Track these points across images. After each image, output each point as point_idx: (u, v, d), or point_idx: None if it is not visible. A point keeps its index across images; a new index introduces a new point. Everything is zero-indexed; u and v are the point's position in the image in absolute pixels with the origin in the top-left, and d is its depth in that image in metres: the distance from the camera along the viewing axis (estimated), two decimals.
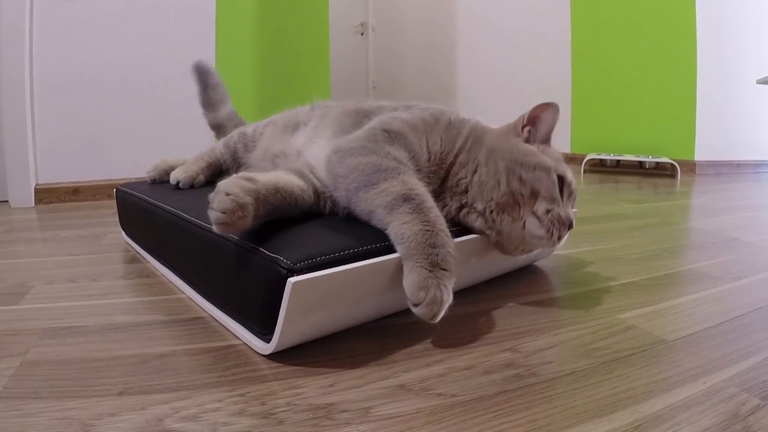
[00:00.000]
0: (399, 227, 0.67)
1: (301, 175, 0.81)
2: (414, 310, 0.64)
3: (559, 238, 0.79)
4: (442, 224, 0.69)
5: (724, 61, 3.11)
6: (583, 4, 3.52)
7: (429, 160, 0.83)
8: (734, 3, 3.09)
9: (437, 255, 0.65)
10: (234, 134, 1.21)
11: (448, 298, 0.64)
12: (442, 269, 0.65)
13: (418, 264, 0.65)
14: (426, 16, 4.48)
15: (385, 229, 0.70)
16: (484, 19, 4.06)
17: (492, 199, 0.80)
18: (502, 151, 0.82)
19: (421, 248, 0.65)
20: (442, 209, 0.80)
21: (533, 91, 3.75)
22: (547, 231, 0.78)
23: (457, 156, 0.85)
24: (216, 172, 1.20)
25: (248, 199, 0.67)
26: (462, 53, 4.27)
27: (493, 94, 3.99)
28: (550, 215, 0.78)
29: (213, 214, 0.66)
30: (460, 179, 0.84)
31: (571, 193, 0.84)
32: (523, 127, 0.86)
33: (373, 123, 0.86)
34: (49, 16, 1.99)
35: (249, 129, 1.20)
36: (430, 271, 0.64)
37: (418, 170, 0.80)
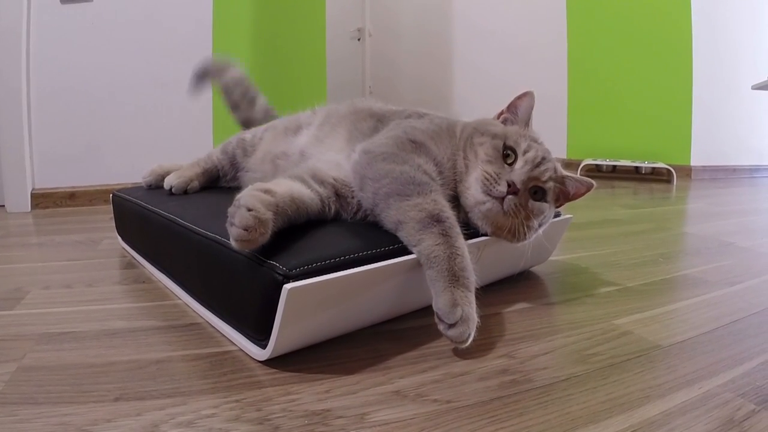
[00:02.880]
0: (432, 248, 0.68)
1: (304, 182, 0.81)
2: (447, 332, 0.65)
3: (501, 199, 0.78)
4: (466, 250, 0.71)
5: (719, 67, 3.12)
6: (579, 10, 3.53)
7: (448, 168, 0.84)
8: (729, 9, 3.11)
9: (467, 279, 0.68)
10: (232, 140, 1.21)
11: (476, 319, 0.66)
12: (470, 292, 0.68)
13: (450, 285, 0.66)
14: (423, 22, 4.49)
15: (414, 245, 0.70)
16: (480, 25, 4.07)
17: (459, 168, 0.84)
18: (469, 129, 0.88)
19: (452, 271, 0.67)
20: (458, 213, 0.82)
21: None
22: (483, 191, 0.79)
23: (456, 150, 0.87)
24: (212, 178, 1.20)
25: (269, 215, 0.66)
26: (458, 59, 4.28)
27: (490, 100, 3.96)
28: (483, 176, 0.80)
29: (234, 231, 0.63)
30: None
31: (527, 162, 0.82)
32: (500, 114, 0.93)
33: (397, 131, 0.86)
34: (45, 22, 1.99)
35: (248, 135, 1.19)
36: (462, 292, 0.66)
37: (442, 178, 0.82)
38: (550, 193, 0.85)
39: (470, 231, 0.83)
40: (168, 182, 1.15)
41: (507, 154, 0.83)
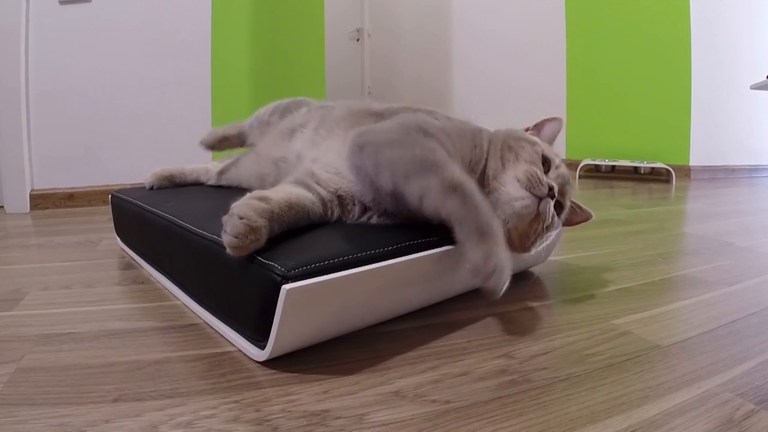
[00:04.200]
0: (459, 208, 0.70)
1: (306, 186, 0.81)
2: (483, 282, 0.66)
3: (539, 199, 0.79)
4: (489, 208, 0.72)
5: (718, 67, 3.12)
6: (578, 10, 3.53)
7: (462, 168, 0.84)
8: (728, 9, 3.11)
9: (495, 233, 0.69)
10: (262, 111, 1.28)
11: (510, 269, 0.68)
12: (499, 244, 0.69)
13: (480, 241, 0.67)
14: (422, 23, 4.49)
15: (439, 211, 0.71)
16: (479, 26, 4.07)
17: (491, 168, 0.84)
18: (502, 134, 0.90)
19: (480, 227, 0.68)
20: None
21: (529, 97, 3.75)
22: (525, 188, 0.80)
23: (486, 162, 0.87)
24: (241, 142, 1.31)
25: (262, 222, 0.68)
26: (457, 60, 4.28)
27: (489, 100, 3.99)
28: (528, 174, 0.80)
29: (226, 238, 0.66)
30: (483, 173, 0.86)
31: (558, 176, 0.86)
32: (528, 129, 0.96)
33: (402, 120, 0.86)
34: (44, 23, 1.99)
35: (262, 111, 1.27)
36: (492, 245, 0.67)
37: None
38: (564, 213, 0.89)
39: None
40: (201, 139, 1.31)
41: (543, 162, 0.85)
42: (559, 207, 0.85)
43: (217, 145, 1.32)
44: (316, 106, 1.14)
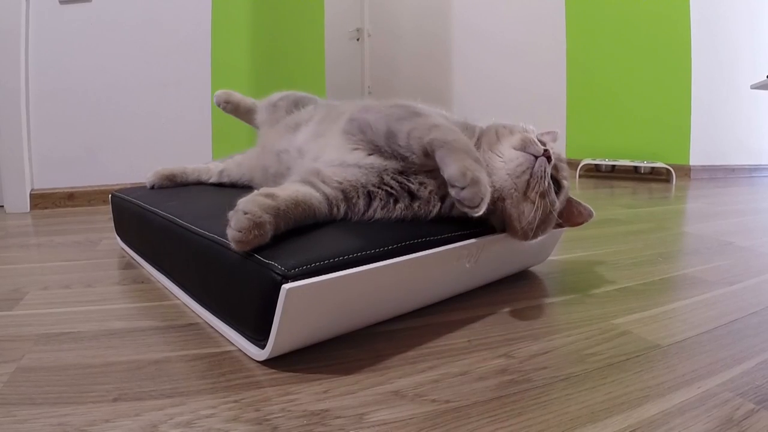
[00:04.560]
0: (440, 136, 0.75)
1: (313, 185, 0.82)
2: (460, 195, 0.70)
3: (534, 156, 0.82)
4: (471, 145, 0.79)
5: (718, 67, 3.12)
6: (578, 10, 3.53)
7: None
8: (728, 9, 3.11)
9: (475, 155, 0.75)
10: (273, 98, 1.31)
11: (489, 189, 0.72)
12: (479, 164, 0.74)
13: (459, 158, 0.72)
14: (422, 23, 4.49)
15: (423, 140, 0.76)
16: (479, 26, 4.07)
17: (486, 144, 0.87)
18: (494, 124, 0.92)
19: (460, 148, 0.74)
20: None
21: (529, 97, 3.75)
22: (519, 148, 0.82)
23: (478, 140, 0.89)
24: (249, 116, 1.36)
25: (266, 217, 0.68)
26: (457, 60, 4.28)
27: (489, 100, 3.99)
28: (522, 138, 0.84)
29: (230, 233, 0.67)
30: None
31: (553, 151, 0.86)
32: None
33: (395, 102, 0.91)
34: (44, 23, 1.99)
35: (276, 97, 1.30)
36: (471, 162, 0.72)
37: None
38: (563, 194, 0.88)
39: (471, 231, 0.83)
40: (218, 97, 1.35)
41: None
42: (557, 186, 0.86)
43: (231, 108, 1.36)
44: (323, 103, 1.16)
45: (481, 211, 0.70)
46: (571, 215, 0.93)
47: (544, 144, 0.85)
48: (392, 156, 0.83)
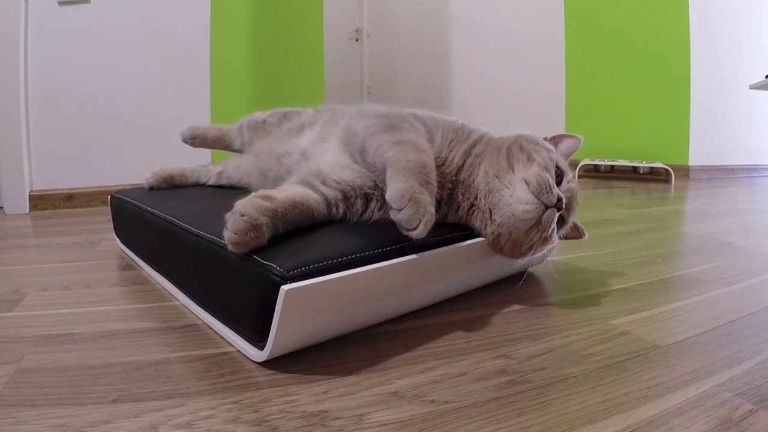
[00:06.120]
0: (396, 154, 0.72)
1: (312, 186, 0.82)
2: (397, 216, 0.67)
3: (545, 206, 0.76)
4: (434, 170, 0.75)
5: (717, 67, 3.13)
6: (577, 10, 3.54)
7: (446, 157, 0.86)
8: (727, 9, 3.11)
9: (427, 176, 0.71)
10: (244, 122, 1.29)
11: (432, 211, 0.68)
12: (425, 187, 0.70)
13: (404, 178, 0.69)
14: (421, 23, 4.49)
15: (383, 157, 0.74)
16: (478, 26, 4.07)
17: (491, 166, 0.82)
18: (513, 136, 0.88)
19: (412, 170, 0.70)
20: (456, 209, 0.85)
21: (528, 97, 3.75)
22: (533, 192, 0.76)
23: (472, 147, 0.87)
24: (223, 145, 1.33)
25: (263, 219, 0.68)
26: (456, 60, 4.28)
27: (488, 100, 3.99)
28: (539, 178, 0.77)
29: (227, 234, 0.68)
30: (472, 170, 0.85)
31: (568, 190, 0.84)
32: (545, 139, 0.92)
33: (386, 111, 0.89)
34: (43, 24, 1.99)
35: (266, 116, 1.25)
36: (416, 185, 0.68)
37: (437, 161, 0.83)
38: (565, 229, 0.88)
39: (466, 232, 0.84)
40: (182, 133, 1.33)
41: (556, 172, 0.83)
42: (561, 222, 0.83)
43: (198, 141, 1.34)
44: (325, 107, 1.15)
45: (421, 234, 0.67)
46: (566, 234, 0.92)
47: (560, 174, 0.83)
48: (368, 168, 0.84)
